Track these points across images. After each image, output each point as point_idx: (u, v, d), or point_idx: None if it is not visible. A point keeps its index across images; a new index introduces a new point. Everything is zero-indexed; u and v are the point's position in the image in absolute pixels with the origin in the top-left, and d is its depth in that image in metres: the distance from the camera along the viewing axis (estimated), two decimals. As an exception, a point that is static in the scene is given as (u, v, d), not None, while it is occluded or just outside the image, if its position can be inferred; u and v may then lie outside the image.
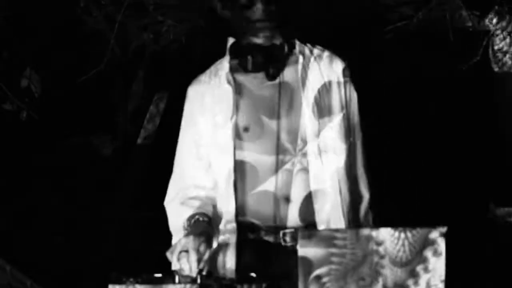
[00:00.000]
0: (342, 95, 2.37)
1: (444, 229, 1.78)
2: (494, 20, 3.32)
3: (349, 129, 2.38)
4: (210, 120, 2.36)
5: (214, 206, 2.35)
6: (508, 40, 3.44)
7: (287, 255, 2.24)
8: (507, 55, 3.43)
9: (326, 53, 2.39)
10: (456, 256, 2.01)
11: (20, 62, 3.34)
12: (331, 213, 2.29)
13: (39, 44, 3.40)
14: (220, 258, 2.29)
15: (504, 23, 3.36)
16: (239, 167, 2.31)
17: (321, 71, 2.36)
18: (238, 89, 2.34)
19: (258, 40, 2.31)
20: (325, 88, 2.35)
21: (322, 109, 2.33)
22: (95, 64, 3.20)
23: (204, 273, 2.03)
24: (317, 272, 1.79)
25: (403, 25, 3.27)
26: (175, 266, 2.09)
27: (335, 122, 2.34)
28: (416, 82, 4.15)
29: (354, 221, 2.33)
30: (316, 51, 2.39)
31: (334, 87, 2.36)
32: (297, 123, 2.32)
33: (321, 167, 2.30)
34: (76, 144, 4.37)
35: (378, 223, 2.38)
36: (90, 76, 3.22)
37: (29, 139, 4.01)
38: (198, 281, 1.94)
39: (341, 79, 2.37)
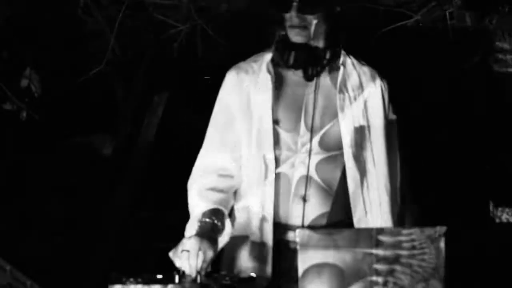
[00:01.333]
0: (381, 108, 2.45)
1: (444, 229, 1.78)
2: (494, 20, 3.32)
3: (387, 142, 2.46)
4: (246, 108, 2.38)
5: (233, 198, 2.40)
6: (508, 40, 3.44)
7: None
8: (507, 55, 3.43)
9: (367, 68, 2.47)
10: (456, 256, 2.01)
11: (20, 62, 3.34)
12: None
13: (39, 44, 3.40)
14: (254, 259, 2.32)
15: (504, 23, 3.36)
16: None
17: (361, 84, 2.42)
18: (277, 81, 2.37)
19: (296, 40, 2.34)
20: (363, 101, 2.41)
21: (358, 122, 2.39)
22: (95, 64, 3.20)
23: (203, 272, 2.03)
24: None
25: (402, 25, 3.27)
26: (176, 264, 2.10)
27: (374, 134, 2.41)
28: (416, 82, 4.15)
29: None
30: (358, 63, 2.45)
31: (372, 102, 2.43)
32: (328, 129, 2.36)
33: (356, 174, 2.35)
34: (76, 144, 4.37)
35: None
36: (90, 76, 3.22)
37: (29, 139, 4.01)
38: (198, 281, 1.94)
39: (380, 94, 2.46)
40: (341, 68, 2.40)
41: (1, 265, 2.15)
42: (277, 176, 2.34)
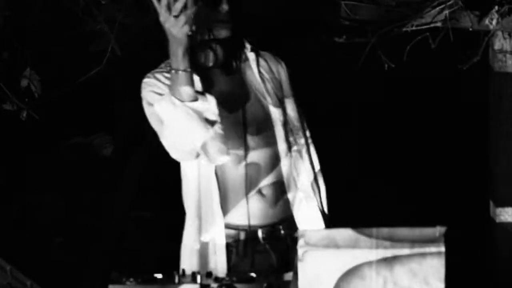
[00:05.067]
0: (289, 87, 2.57)
1: (444, 229, 1.78)
2: (494, 20, 3.32)
3: (299, 117, 2.57)
4: None
5: None
6: (508, 40, 3.44)
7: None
8: (507, 55, 3.43)
9: (267, 52, 2.58)
10: (456, 256, 2.01)
11: (20, 62, 3.34)
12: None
13: (39, 44, 3.40)
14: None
15: (504, 23, 3.35)
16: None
17: (269, 67, 2.55)
18: (203, 83, 2.37)
19: (222, 35, 2.35)
20: (276, 81, 2.53)
21: (280, 100, 2.51)
22: (95, 64, 3.20)
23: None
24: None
25: (402, 25, 3.27)
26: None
27: (290, 111, 2.53)
28: (416, 82, 4.15)
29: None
30: (257, 49, 2.54)
31: (283, 80, 2.56)
32: (261, 115, 2.44)
33: (290, 154, 2.47)
34: (76, 144, 4.37)
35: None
36: (90, 76, 3.22)
37: (29, 139, 4.01)
38: (198, 281, 1.94)
39: (287, 74, 2.58)
40: (253, 54, 2.49)
41: (1, 265, 2.15)
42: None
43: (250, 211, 2.40)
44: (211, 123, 2.24)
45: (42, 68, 3.39)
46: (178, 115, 2.22)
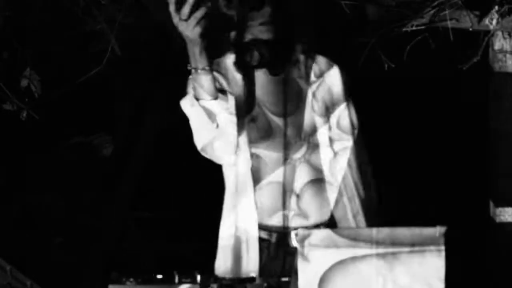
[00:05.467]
0: (340, 93, 2.48)
1: (444, 229, 1.78)
2: (494, 20, 3.32)
3: (351, 129, 2.49)
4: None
5: None
6: (508, 40, 3.43)
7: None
8: (507, 55, 3.42)
9: (321, 56, 2.50)
10: (456, 256, 2.01)
11: (20, 62, 3.34)
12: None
13: (39, 44, 3.40)
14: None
15: (504, 23, 3.35)
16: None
17: (320, 71, 2.46)
18: (244, 82, 2.40)
19: (264, 37, 2.34)
20: (326, 87, 2.45)
21: (327, 107, 2.44)
22: (95, 64, 3.20)
23: None
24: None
25: (402, 25, 3.27)
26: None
27: (340, 114, 2.45)
28: (416, 82, 4.14)
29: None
30: (311, 52, 2.48)
31: (334, 88, 2.47)
32: (302, 119, 2.41)
33: (331, 159, 2.43)
34: (76, 144, 4.37)
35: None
36: (90, 76, 3.22)
37: (29, 139, 4.01)
38: (199, 280, 1.94)
39: (339, 80, 2.48)
40: (302, 56, 2.45)
41: (1, 265, 2.15)
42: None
43: (286, 213, 2.40)
44: (223, 122, 2.28)
45: (42, 68, 3.39)
46: (192, 114, 2.28)
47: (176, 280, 1.93)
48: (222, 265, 2.41)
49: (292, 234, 2.37)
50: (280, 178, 2.39)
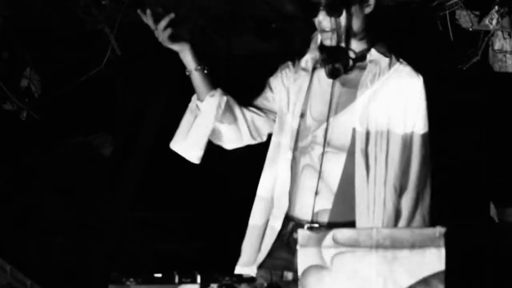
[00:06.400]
0: (411, 114, 2.44)
1: (444, 229, 1.78)
2: (494, 20, 3.32)
3: (406, 148, 2.42)
4: (282, 96, 2.51)
5: None
6: (508, 40, 3.44)
7: None
8: (507, 55, 3.43)
9: (406, 68, 2.47)
10: (456, 256, 2.01)
11: (20, 62, 3.34)
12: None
13: (39, 44, 3.40)
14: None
15: (504, 23, 3.35)
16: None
17: (392, 84, 2.43)
18: (312, 78, 2.47)
19: (325, 43, 2.42)
20: (395, 101, 2.42)
21: (378, 121, 2.40)
22: (95, 64, 3.20)
23: None
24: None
25: (402, 25, 3.27)
26: None
27: (397, 139, 2.40)
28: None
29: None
30: (396, 63, 2.46)
31: (406, 104, 2.44)
32: (345, 126, 2.41)
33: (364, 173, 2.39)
34: (76, 144, 4.37)
35: None
36: (90, 76, 3.22)
37: (29, 139, 4.01)
38: (198, 280, 1.94)
39: (416, 98, 2.46)
40: (369, 65, 2.43)
41: (1, 265, 2.15)
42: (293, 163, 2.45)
43: (309, 208, 2.42)
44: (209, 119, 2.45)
45: (42, 68, 3.39)
46: (186, 114, 2.49)
47: (176, 280, 1.93)
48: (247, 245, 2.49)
49: (305, 226, 2.40)
50: (313, 174, 2.41)
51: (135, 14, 2.45)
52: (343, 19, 2.37)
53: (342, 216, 2.41)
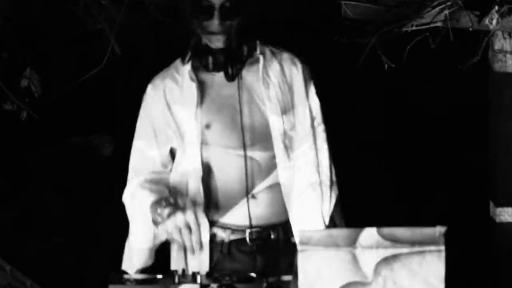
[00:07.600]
0: (303, 93, 2.47)
1: (443, 229, 1.78)
2: (494, 20, 3.32)
3: (312, 126, 2.48)
4: (172, 115, 2.44)
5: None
6: (508, 40, 3.44)
7: None
8: (507, 55, 3.43)
9: (286, 54, 2.51)
10: (456, 256, 2.01)
11: (20, 62, 3.34)
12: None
13: (39, 44, 3.40)
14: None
15: (504, 23, 3.35)
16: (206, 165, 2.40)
17: (283, 70, 2.46)
18: (201, 87, 2.41)
19: (215, 46, 2.37)
20: (287, 86, 2.45)
21: (285, 106, 2.43)
22: (95, 64, 3.21)
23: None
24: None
25: (402, 25, 3.27)
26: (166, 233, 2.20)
27: (299, 118, 2.45)
28: (416, 82, 4.15)
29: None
30: (277, 51, 2.50)
31: (296, 85, 2.47)
32: (259, 121, 2.41)
33: (288, 162, 2.41)
34: (76, 144, 4.37)
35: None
36: (90, 76, 3.22)
37: (29, 139, 4.01)
38: (198, 281, 1.94)
39: (302, 79, 2.48)
40: (261, 58, 2.44)
41: (1, 265, 2.15)
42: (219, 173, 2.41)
43: (244, 213, 2.41)
44: None
45: (42, 68, 3.39)
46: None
47: (176, 280, 1.93)
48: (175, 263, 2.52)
49: (247, 232, 2.41)
50: (240, 178, 2.40)
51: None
52: (235, 21, 2.35)
53: (277, 217, 2.43)
